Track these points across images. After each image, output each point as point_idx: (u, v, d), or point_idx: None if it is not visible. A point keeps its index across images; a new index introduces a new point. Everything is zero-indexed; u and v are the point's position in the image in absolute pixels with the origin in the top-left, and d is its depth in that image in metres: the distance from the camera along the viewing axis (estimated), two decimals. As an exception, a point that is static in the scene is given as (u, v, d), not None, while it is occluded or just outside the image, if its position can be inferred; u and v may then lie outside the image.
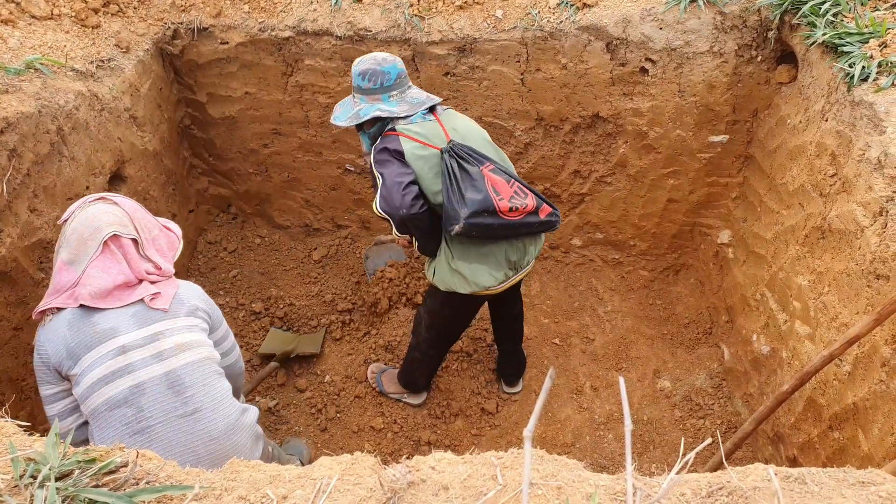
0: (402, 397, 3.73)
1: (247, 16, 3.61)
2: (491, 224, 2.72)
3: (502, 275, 2.94)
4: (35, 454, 1.24)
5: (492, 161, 2.78)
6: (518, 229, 2.81)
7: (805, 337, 2.98)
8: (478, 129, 2.94)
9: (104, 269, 2.11)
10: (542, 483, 1.23)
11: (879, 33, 2.83)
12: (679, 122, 3.62)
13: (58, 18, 3.27)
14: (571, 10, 3.41)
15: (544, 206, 2.85)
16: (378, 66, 2.80)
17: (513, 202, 2.73)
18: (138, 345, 2.08)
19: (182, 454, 2.07)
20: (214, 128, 4.06)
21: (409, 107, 2.82)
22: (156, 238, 2.30)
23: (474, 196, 2.67)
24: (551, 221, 2.89)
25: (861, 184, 2.60)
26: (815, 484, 1.22)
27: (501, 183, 2.73)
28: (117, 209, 2.22)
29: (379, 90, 2.80)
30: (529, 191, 2.82)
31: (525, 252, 2.99)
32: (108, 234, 2.14)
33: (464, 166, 2.71)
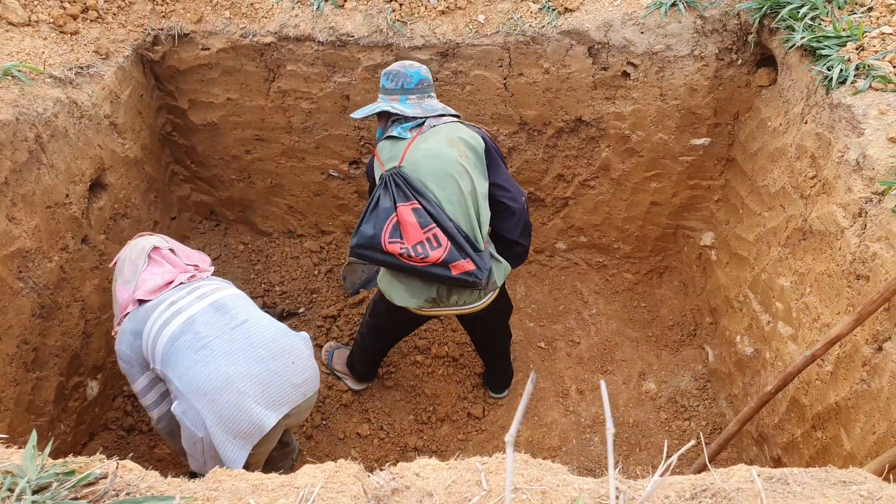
0: (344, 378, 3.80)
1: (228, 21, 3.59)
2: (382, 260, 2.85)
3: (420, 302, 2.98)
4: (12, 467, 1.22)
5: (424, 200, 2.76)
6: (422, 275, 2.85)
7: (788, 337, 3.00)
8: (445, 158, 2.82)
9: (153, 273, 2.64)
10: (526, 488, 1.22)
11: (856, 37, 2.86)
12: (661, 126, 3.64)
13: (35, 25, 3.23)
14: (553, 14, 3.43)
15: (460, 262, 2.77)
16: (403, 69, 2.98)
17: (413, 249, 2.75)
18: (183, 297, 2.56)
19: (246, 360, 2.40)
20: (196, 134, 4.03)
21: (421, 111, 2.94)
22: (191, 255, 2.87)
23: (366, 230, 2.83)
24: (466, 281, 2.81)
25: (840, 185, 2.63)
26: (797, 484, 1.23)
27: (412, 226, 2.75)
28: (155, 236, 2.83)
29: (399, 91, 2.96)
30: (454, 244, 2.77)
31: (447, 295, 2.96)
32: (151, 248, 2.71)
33: (380, 199, 2.82)
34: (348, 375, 3.78)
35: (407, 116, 2.92)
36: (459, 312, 3.08)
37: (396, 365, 3.91)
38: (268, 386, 2.41)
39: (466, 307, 3.04)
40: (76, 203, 3.07)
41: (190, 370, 2.36)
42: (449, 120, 2.96)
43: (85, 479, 1.23)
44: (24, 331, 2.77)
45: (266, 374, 2.42)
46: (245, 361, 2.39)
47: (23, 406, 2.79)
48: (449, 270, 2.79)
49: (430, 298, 2.96)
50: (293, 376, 2.49)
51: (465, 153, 2.86)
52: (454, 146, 2.85)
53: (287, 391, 2.47)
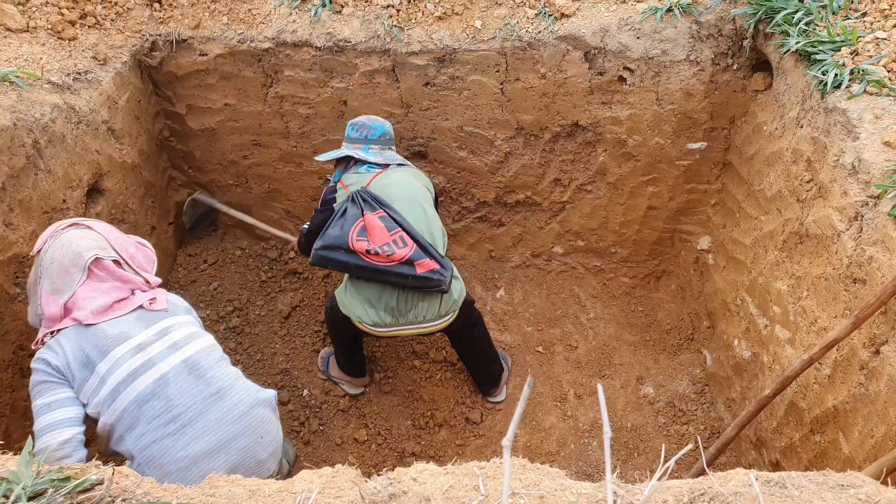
0: (341, 383, 3.80)
1: (226, 27, 3.60)
2: (346, 262, 2.95)
3: (378, 316, 3.03)
4: (8, 473, 1.22)
5: (390, 210, 2.98)
6: (387, 276, 2.94)
7: (785, 341, 3.00)
8: (411, 185, 3.14)
9: (96, 291, 2.18)
10: (524, 492, 1.22)
11: (851, 41, 2.87)
12: (657, 130, 3.65)
13: (34, 31, 3.24)
14: (549, 20, 3.44)
15: (425, 260, 2.92)
16: (369, 121, 3.30)
17: (381, 248, 2.89)
18: (153, 340, 2.22)
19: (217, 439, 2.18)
20: (194, 139, 4.04)
21: (382, 159, 3.23)
22: (133, 255, 2.39)
23: (332, 232, 2.97)
24: (431, 279, 2.93)
25: (836, 189, 2.64)
26: (795, 488, 1.23)
27: (379, 229, 2.93)
28: (91, 233, 2.27)
29: (362, 140, 3.26)
30: (419, 245, 2.93)
31: (413, 305, 3.03)
32: (90, 259, 2.18)
33: (348, 209, 3.00)
34: (344, 380, 3.78)
35: (369, 161, 3.21)
36: (417, 332, 3.14)
37: (394, 370, 3.91)
38: (234, 466, 2.24)
39: (425, 325, 3.10)
40: (74, 208, 3.07)
41: (154, 445, 2.12)
42: (409, 166, 3.31)
43: (81, 486, 1.22)
44: (20, 337, 2.77)
45: (234, 452, 2.24)
46: (215, 440, 2.19)
47: (18, 412, 2.79)
48: (414, 268, 2.91)
49: (389, 309, 3.01)
50: (260, 451, 2.32)
51: (428, 186, 3.27)
52: (418, 179, 3.24)
53: (252, 467, 2.30)
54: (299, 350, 4.01)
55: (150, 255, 2.47)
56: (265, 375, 3.86)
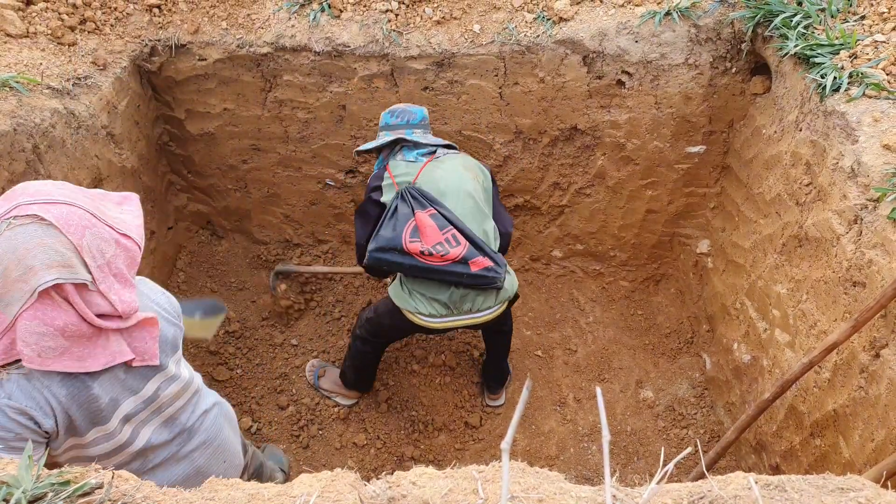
0: (333, 396, 3.78)
1: (225, 32, 3.60)
2: (401, 263, 2.91)
3: (434, 308, 3.01)
4: (8, 477, 1.22)
5: (442, 208, 2.92)
6: (442, 275, 2.91)
7: (785, 345, 3.00)
8: (462, 178, 3.04)
9: (45, 321, 1.54)
10: (523, 496, 1.22)
11: (850, 45, 2.88)
12: (656, 134, 3.66)
13: (33, 36, 3.24)
14: (548, 24, 3.44)
15: (479, 258, 2.89)
16: (408, 107, 3.21)
17: (434, 248, 2.85)
18: (138, 410, 1.86)
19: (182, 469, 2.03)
20: (193, 144, 4.04)
21: (428, 141, 3.12)
22: (112, 260, 1.67)
23: (385, 233, 2.91)
24: (486, 277, 2.91)
25: (836, 192, 2.64)
26: (795, 491, 1.23)
27: (431, 228, 2.87)
28: (58, 237, 1.55)
29: (405, 126, 3.16)
30: (472, 244, 2.90)
31: (469, 299, 3.02)
32: (46, 284, 1.52)
33: (399, 207, 2.93)
34: (338, 392, 3.76)
35: (418, 143, 3.10)
36: (470, 323, 3.10)
37: (393, 374, 3.91)
38: None
39: (479, 316, 3.08)
40: (73, 213, 3.07)
41: None
42: (457, 152, 3.20)
43: (80, 490, 1.22)
44: (20, 342, 2.76)
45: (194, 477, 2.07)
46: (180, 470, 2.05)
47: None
48: (468, 267, 2.88)
49: (443, 302, 2.99)
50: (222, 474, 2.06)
51: (479, 178, 3.12)
52: (469, 170, 3.10)
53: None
54: (299, 354, 4.01)
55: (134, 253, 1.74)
56: (264, 379, 3.86)
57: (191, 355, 3.87)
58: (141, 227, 1.78)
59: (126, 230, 1.72)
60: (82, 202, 1.63)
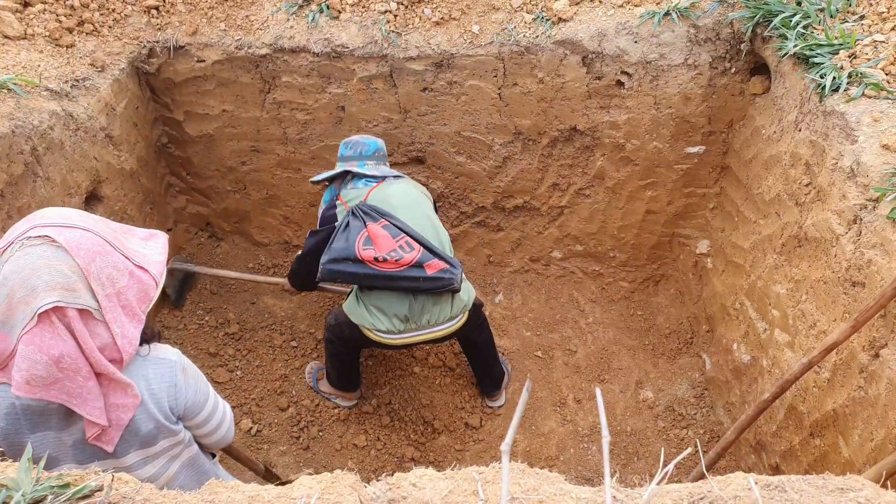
0: (333, 398, 3.77)
1: (223, 33, 3.60)
2: (355, 272, 2.95)
3: (391, 323, 3.02)
4: (7, 480, 1.22)
5: (393, 219, 3.00)
6: (398, 281, 2.94)
7: (784, 345, 3.00)
8: (413, 195, 3.19)
9: (41, 348, 1.45)
10: (523, 497, 1.22)
11: (849, 45, 2.88)
12: (656, 134, 3.66)
13: (31, 38, 3.24)
14: (547, 24, 3.44)
15: (434, 261, 2.94)
16: (361, 139, 3.35)
17: (388, 254, 2.91)
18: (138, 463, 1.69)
19: None
20: (192, 146, 4.04)
21: (378, 173, 3.24)
22: (122, 291, 1.57)
23: (338, 245, 2.97)
24: (441, 278, 2.94)
25: (835, 192, 2.64)
26: (794, 491, 1.23)
27: (383, 237, 2.95)
28: (65, 260, 1.48)
29: (357, 157, 3.29)
30: (425, 248, 2.96)
31: (425, 309, 3.03)
32: (45, 306, 1.44)
33: (350, 222, 3.02)
34: (336, 394, 3.75)
35: (366, 174, 3.23)
36: (431, 338, 3.12)
37: (393, 375, 3.90)
38: None
39: (438, 329, 3.10)
40: (72, 215, 3.07)
41: None
42: (407, 179, 3.34)
43: (80, 492, 1.22)
44: (19, 344, 2.75)
45: None
46: None
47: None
48: (423, 270, 2.92)
49: (402, 316, 3.00)
50: None
51: (429, 198, 3.31)
52: (418, 190, 3.28)
53: None
54: (298, 356, 4.00)
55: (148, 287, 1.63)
56: (264, 381, 3.85)
57: (190, 356, 3.86)
58: (162, 265, 1.69)
59: (143, 263, 1.63)
60: (100, 230, 1.57)
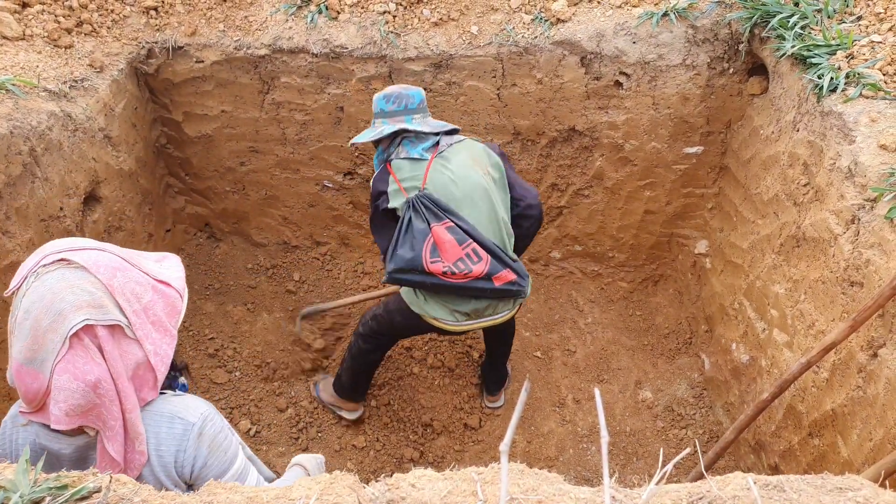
0: (336, 409, 3.69)
1: (222, 34, 3.60)
2: (422, 282, 2.81)
3: (456, 317, 2.95)
4: (5, 481, 1.21)
5: (456, 218, 2.78)
6: (464, 291, 2.85)
7: (783, 345, 3.00)
8: (472, 176, 2.86)
9: (76, 375, 1.38)
10: (522, 498, 1.22)
11: (846, 45, 2.88)
12: (654, 135, 3.66)
13: (30, 39, 3.24)
14: (545, 25, 3.45)
15: (503, 273, 2.81)
16: (404, 90, 2.91)
17: (456, 266, 2.76)
18: None
19: None
20: (191, 146, 4.04)
21: (429, 128, 2.89)
22: (149, 306, 1.51)
23: (404, 254, 2.77)
24: (510, 290, 2.86)
25: (833, 192, 2.64)
26: (793, 491, 1.23)
27: (450, 243, 2.76)
28: (87, 278, 1.42)
29: (403, 111, 2.89)
30: (493, 257, 2.80)
31: (486, 307, 2.96)
32: (76, 326, 1.37)
33: (413, 221, 2.79)
34: (338, 405, 3.68)
35: (420, 134, 2.89)
36: (489, 324, 3.06)
37: (392, 376, 3.90)
38: None
39: (497, 317, 3.04)
40: (70, 216, 3.07)
41: None
42: (460, 138, 2.99)
43: (78, 494, 1.22)
44: (17, 345, 2.75)
45: None
46: None
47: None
48: (492, 283, 2.81)
49: (464, 312, 2.94)
50: None
51: (489, 171, 2.93)
52: (478, 165, 2.90)
53: None
54: (300, 355, 4.00)
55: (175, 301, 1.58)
56: (262, 382, 3.85)
57: (189, 358, 3.86)
58: (182, 280, 1.62)
59: (164, 278, 1.57)
60: (114, 249, 1.52)
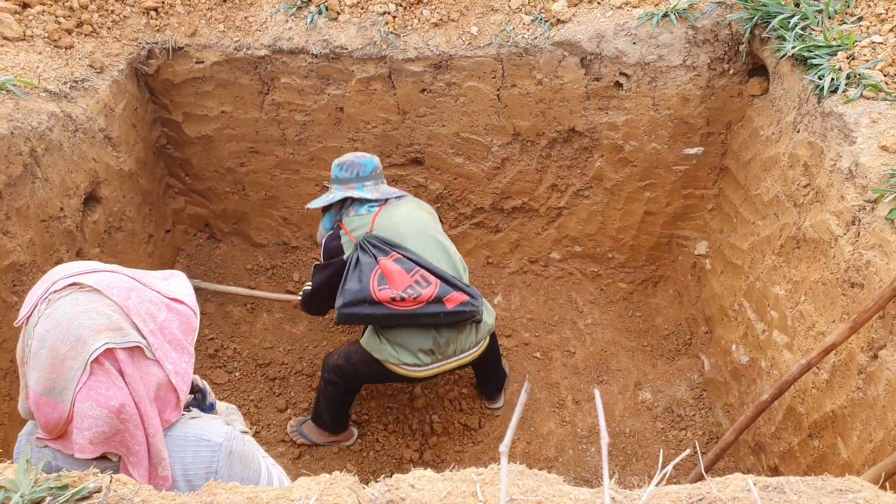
0: (334, 444, 3.58)
1: (222, 35, 3.60)
2: (373, 314, 2.83)
3: (417, 358, 2.93)
4: (6, 481, 1.21)
5: (403, 250, 2.86)
6: (418, 319, 2.83)
7: (783, 346, 3.00)
8: (419, 218, 3.04)
9: (99, 402, 1.35)
10: (522, 499, 1.22)
11: (847, 46, 2.88)
12: (654, 136, 3.66)
13: (30, 39, 3.24)
14: (545, 26, 3.45)
15: (453, 294, 2.82)
16: (356, 158, 3.13)
17: (404, 292, 2.77)
18: None
19: None
20: (191, 147, 4.04)
21: (379, 194, 3.08)
22: (164, 325, 1.48)
23: (351, 286, 2.83)
24: (463, 312, 2.86)
25: (833, 193, 2.64)
26: (793, 493, 1.23)
27: (398, 272, 2.81)
28: (102, 300, 1.39)
29: (354, 179, 3.10)
30: (442, 280, 2.83)
31: (451, 339, 2.94)
32: (97, 351, 1.34)
33: (360, 258, 2.87)
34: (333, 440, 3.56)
35: (367, 199, 3.06)
36: (457, 365, 3.05)
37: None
38: None
39: (465, 355, 3.04)
40: (71, 216, 3.07)
41: None
42: (409, 197, 3.17)
43: (79, 494, 1.22)
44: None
45: None
46: None
47: (17, 420, 2.78)
48: (444, 305, 2.81)
49: (426, 349, 2.92)
50: None
51: (434, 216, 3.17)
52: (423, 210, 3.13)
53: None
54: (299, 356, 4.00)
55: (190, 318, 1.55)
56: (262, 382, 3.85)
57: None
58: (193, 297, 1.60)
59: (177, 296, 1.55)
60: (123, 270, 1.49)
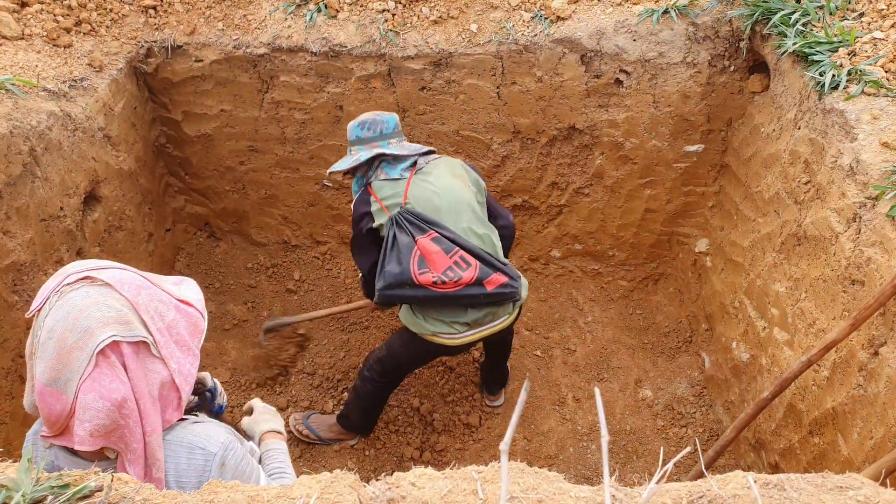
0: (339, 442, 3.58)
1: (221, 33, 3.60)
2: (414, 296, 2.80)
3: (455, 329, 2.90)
4: (7, 480, 1.21)
5: (441, 228, 2.78)
6: (458, 300, 2.81)
7: (784, 343, 3.00)
8: (453, 188, 2.89)
9: (103, 394, 1.36)
10: (522, 496, 1.22)
11: (848, 42, 2.87)
12: (654, 133, 3.66)
13: (29, 38, 3.23)
14: (545, 23, 3.44)
15: (493, 276, 2.79)
16: (378, 116, 2.97)
17: (444, 275, 2.74)
18: None
19: None
20: (190, 146, 4.03)
21: (406, 151, 2.94)
22: (172, 325, 1.51)
23: (392, 269, 2.77)
24: (503, 294, 2.83)
25: (834, 190, 2.64)
26: (793, 490, 1.23)
27: (437, 254, 2.75)
28: (112, 295, 1.42)
29: (378, 137, 2.94)
30: (482, 262, 2.79)
31: (485, 315, 2.92)
32: (103, 342, 1.36)
33: (397, 237, 2.79)
34: (342, 437, 3.55)
35: (398, 156, 2.93)
36: (490, 332, 3.01)
37: (393, 375, 3.90)
38: None
39: (498, 323, 2.99)
40: (70, 216, 3.07)
41: None
42: (437, 156, 3.03)
43: (80, 493, 1.22)
44: (19, 344, 2.76)
45: None
46: None
47: (18, 419, 2.78)
48: (484, 287, 2.79)
49: (463, 322, 2.90)
50: None
51: (468, 185, 2.97)
52: (458, 178, 2.94)
53: None
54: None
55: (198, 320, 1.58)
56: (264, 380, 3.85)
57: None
58: (202, 302, 1.62)
59: (185, 298, 1.57)
60: (135, 271, 1.51)
